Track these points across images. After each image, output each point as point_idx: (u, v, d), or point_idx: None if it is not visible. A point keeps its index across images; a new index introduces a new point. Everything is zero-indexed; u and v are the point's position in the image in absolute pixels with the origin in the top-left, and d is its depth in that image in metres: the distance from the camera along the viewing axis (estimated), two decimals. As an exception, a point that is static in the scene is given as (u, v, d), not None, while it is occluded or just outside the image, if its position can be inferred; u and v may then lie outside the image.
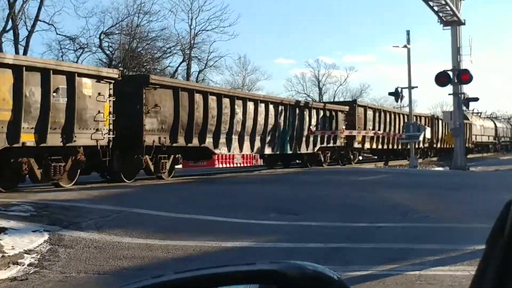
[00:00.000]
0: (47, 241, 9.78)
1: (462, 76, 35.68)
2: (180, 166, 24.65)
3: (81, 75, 17.37)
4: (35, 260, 8.86)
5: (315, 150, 31.45)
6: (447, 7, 36.15)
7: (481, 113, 74.96)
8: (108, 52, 51.95)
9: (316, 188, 18.40)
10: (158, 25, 75.93)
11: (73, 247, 9.56)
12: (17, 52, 42.54)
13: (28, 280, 7.92)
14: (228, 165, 33.61)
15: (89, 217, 11.71)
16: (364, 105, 39.09)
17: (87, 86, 17.51)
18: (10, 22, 43.58)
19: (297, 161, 33.23)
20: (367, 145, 37.42)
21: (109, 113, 18.29)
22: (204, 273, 1.65)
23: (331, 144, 32.84)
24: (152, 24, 54.84)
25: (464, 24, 38.13)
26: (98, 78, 18.06)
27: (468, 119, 58.04)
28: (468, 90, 39.18)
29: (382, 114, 40.87)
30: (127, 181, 19.50)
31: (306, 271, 1.60)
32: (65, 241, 9.84)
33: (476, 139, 65.06)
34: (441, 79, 35.67)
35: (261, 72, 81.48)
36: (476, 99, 40.91)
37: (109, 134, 18.16)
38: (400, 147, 43.01)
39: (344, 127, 33.75)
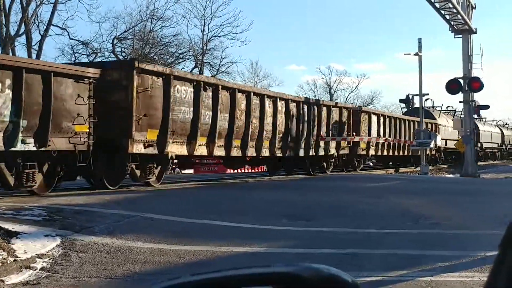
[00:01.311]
0: (59, 246, 9.82)
1: (473, 84, 35.65)
2: None
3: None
4: (47, 264, 8.91)
5: None
6: (458, 15, 36.14)
7: (454, 111, 56.45)
8: (121, 57, 52.07)
9: (326, 194, 18.38)
10: (171, 30, 76.34)
11: (85, 251, 9.61)
12: (29, 56, 42.68)
13: (40, 285, 7.97)
14: None
15: (101, 221, 11.76)
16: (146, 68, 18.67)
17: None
18: (23, 26, 43.75)
19: None
20: (138, 148, 18.06)
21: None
22: (218, 275, 1.67)
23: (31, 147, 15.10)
24: (165, 29, 55.05)
25: (475, 32, 38.12)
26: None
27: (434, 119, 47.35)
28: (479, 98, 39.15)
29: (189, 89, 20.39)
30: None
31: (321, 274, 1.62)
32: (77, 246, 9.89)
33: (445, 144, 48.44)
34: (452, 86, 35.63)
35: (272, 79, 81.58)
36: (487, 107, 40.94)
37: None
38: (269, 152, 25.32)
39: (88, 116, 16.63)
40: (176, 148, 19.81)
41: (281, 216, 13.44)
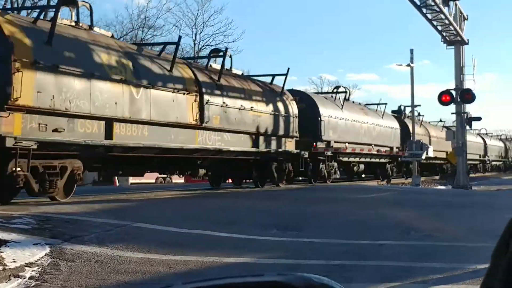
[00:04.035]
0: (48, 254, 9.76)
1: (465, 96, 35.84)
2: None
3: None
4: (36, 273, 8.84)
5: None
6: (450, 27, 36.36)
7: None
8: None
9: (318, 204, 18.39)
10: (162, 39, 76.36)
11: (74, 260, 9.55)
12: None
13: (29, 293, 7.92)
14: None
15: (91, 230, 11.71)
16: None
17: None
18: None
19: None
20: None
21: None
22: (211, 284, 1.65)
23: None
24: (156, 38, 55.11)
25: (467, 44, 38.34)
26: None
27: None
28: (472, 110, 39.46)
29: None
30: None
31: (312, 283, 1.61)
32: (67, 255, 9.82)
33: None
34: (444, 98, 35.78)
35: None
36: (478, 119, 41.08)
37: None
38: None
39: None
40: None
41: (271, 226, 13.42)
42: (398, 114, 44.34)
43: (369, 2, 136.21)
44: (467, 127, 38.69)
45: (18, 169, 14.91)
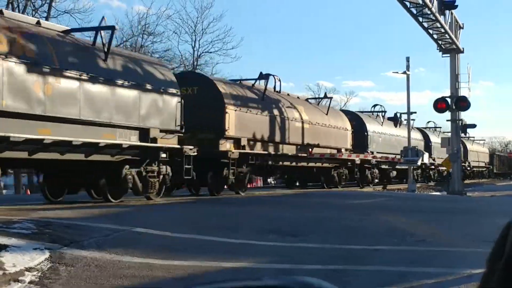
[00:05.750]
0: (48, 259, 9.80)
1: (460, 103, 35.94)
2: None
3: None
4: (36, 277, 8.88)
5: None
6: (446, 35, 36.46)
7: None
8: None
9: (314, 210, 18.43)
10: (162, 46, 76.20)
11: (74, 265, 9.60)
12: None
13: (29, 298, 7.97)
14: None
15: (90, 235, 11.76)
16: None
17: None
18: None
19: None
20: None
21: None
22: (211, 287, 1.71)
23: None
24: (156, 45, 54.93)
25: (462, 52, 38.45)
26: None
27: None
28: (467, 117, 39.64)
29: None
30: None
31: (312, 287, 1.67)
32: (66, 259, 9.87)
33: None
34: (440, 105, 35.88)
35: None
36: (473, 126, 41.16)
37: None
38: None
39: None
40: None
41: (269, 232, 13.48)
42: (394, 121, 44.38)
43: (366, 10, 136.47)
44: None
45: None
